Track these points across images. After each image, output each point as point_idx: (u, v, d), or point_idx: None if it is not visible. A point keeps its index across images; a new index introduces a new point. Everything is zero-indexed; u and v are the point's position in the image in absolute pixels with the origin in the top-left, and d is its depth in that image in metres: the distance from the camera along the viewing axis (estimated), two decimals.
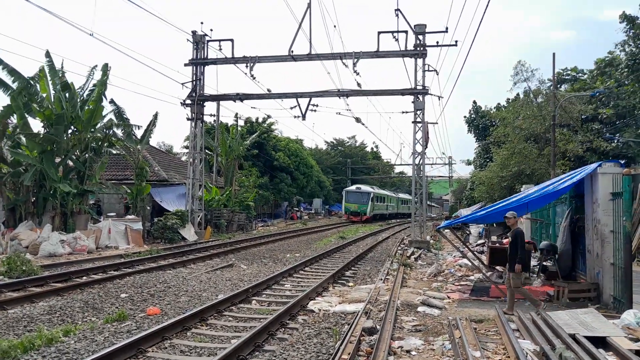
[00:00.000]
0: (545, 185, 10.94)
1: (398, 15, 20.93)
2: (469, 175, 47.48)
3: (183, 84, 23.62)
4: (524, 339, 6.87)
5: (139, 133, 22.74)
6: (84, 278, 11.96)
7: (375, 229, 35.18)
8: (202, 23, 25.71)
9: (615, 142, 28.59)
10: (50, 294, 9.88)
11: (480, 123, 41.70)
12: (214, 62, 23.64)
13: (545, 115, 26.59)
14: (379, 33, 21.46)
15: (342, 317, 8.51)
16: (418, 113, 22.14)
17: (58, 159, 19.57)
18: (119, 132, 22.06)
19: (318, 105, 23.63)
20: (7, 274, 11.64)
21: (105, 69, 20.47)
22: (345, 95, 22.98)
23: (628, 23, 26.99)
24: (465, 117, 43.97)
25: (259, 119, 47.77)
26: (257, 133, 41.26)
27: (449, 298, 10.21)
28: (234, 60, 22.89)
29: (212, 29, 24.42)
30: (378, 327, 7.20)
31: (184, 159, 37.33)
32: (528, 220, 17.35)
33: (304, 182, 53.54)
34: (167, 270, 13.65)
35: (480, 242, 20.74)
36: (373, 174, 74.27)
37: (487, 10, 14.60)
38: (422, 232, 22.62)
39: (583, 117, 29.52)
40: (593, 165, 9.75)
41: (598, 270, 9.46)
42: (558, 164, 24.99)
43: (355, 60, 21.69)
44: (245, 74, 22.50)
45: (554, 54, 24.64)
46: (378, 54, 21.76)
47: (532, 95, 30.76)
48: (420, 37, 21.52)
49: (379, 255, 18.62)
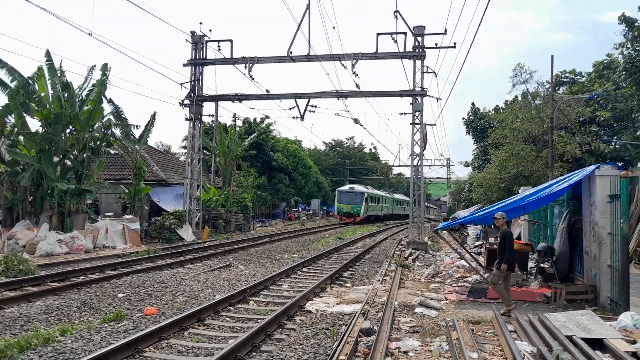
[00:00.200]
0: (543, 187, 10.96)
1: (397, 17, 20.99)
2: (467, 177, 47.52)
3: (182, 84, 23.66)
4: (521, 341, 6.89)
5: (137, 133, 22.76)
6: (81, 278, 11.95)
7: (373, 230, 35.20)
8: (201, 23, 25.76)
9: (613, 144, 28.62)
10: (47, 294, 9.87)
11: (479, 125, 41.76)
12: (213, 62, 23.65)
13: (544, 118, 26.65)
14: (378, 34, 21.52)
15: (339, 317, 8.51)
16: (416, 114, 22.18)
17: (56, 159, 19.55)
18: (117, 131, 22.09)
19: (317, 106, 23.71)
20: (4, 273, 11.63)
21: (105, 69, 20.44)
22: (344, 97, 23.01)
23: (627, 25, 27.00)
24: (464, 118, 44.09)
25: (258, 120, 47.79)
26: (255, 133, 41.21)
27: (447, 299, 10.23)
28: (233, 61, 22.91)
29: (211, 30, 24.55)
30: (375, 328, 7.20)
31: (182, 159, 37.32)
32: (526, 222, 17.37)
33: (302, 182, 53.50)
34: (164, 270, 13.64)
35: (478, 243, 20.77)
36: (371, 175, 74.20)
37: (485, 12, 14.66)
38: (420, 233, 22.64)
39: (581, 119, 29.57)
40: (591, 168, 9.79)
41: (595, 272, 9.49)
42: (556, 166, 25.02)
43: (354, 62, 21.73)
44: (244, 75, 22.56)
45: (552, 57, 24.59)
46: (377, 56, 21.80)
47: (530, 98, 30.83)
48: (419, 38, 21.57)
49: (377, 256, 18.63)
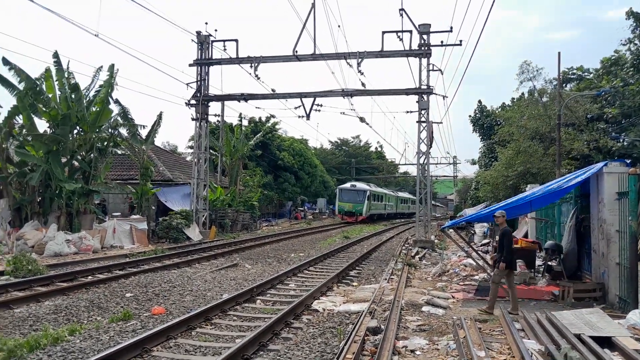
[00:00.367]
0: (550, 184, 10.90)
1: (402, 15, 20.95)
2: (474, 175, 47.32)
3: (188, 84, 23.72)
4: (529, 339, 6.86)
5: (144, 133, 22.90)
6: (89, 277, 12.03)
7: (380, 229, 35.16)
8: (206, 23, 25.80)
9: (621, 141, 28.39)
10: (56, 294, 9.95)
11: (486, 122, 41.58)
12: (219, 62, 23.70)
13: (551, 115, 26.48)
14: (383, 33, 21.46)
15: (346, 316, 8.52)
16: (422, 113, 22.10)
17: (64, 159, 19.68)
18: (124, 132, 22.21)
19: (322, 105, 23.75)
20: (13, 274, 11.74)
21: (112, 70, 20.56)
22: (350, 95, 22.98)
23: (635, 20, 26.76)
24: (470, 116, 43.94)
25: (263, 119, 47.84)
26: (261, 133, 41.19)
27: (454, 298, 10.20)
28: (239, 61, 22.93)
29: (216, 29, 24.69)
30: (382, 326, 7.19)
31: (189, 159, 37.44)
32: (533, 220, 17.29)
33: (308, 181, 53.50)
34: (171, 270, 13.70)
35: (485, 241, 20.71)
36: (377, 174, 74.08)
37: (491, 10, 14.59)
38: (426, 231, 22.59)
39: (588, 116, 29.35)
40: (599, 165, 9.72)
41: (604, 270, 9.43)
42: (563, 164, 24.85)
43: (360, 60, 21.69)
44: (250, 74, 22.57)
45: (559, 53, 24.35)
46: (382, 54, 21.76)
47: (537, 95, 30.63)
48: (425, 36, 21.50)
49: (383, 255, 18.61)
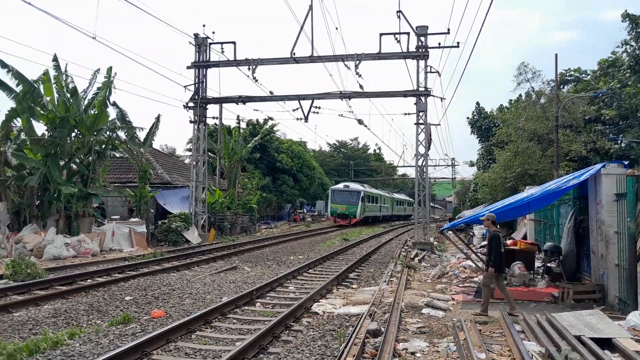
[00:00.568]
0: (548, 185, 10.93)
1: (400, 17, 21.01)
2: (472, 177, 47.36)
3: (185, 87, 23.68)
4: (529, 341, 6.87)
5: (142, 135, 22.89)
6: (89, 281, 12.01)
7: (379, 231, 35.18)
8: (204, 26, 25.81)
9: (619, 143, 28.48)
10: (55, 297, 9.92)
11: (484, 124, 41.64)
12: (217, 64, 23.71)
13: (549, 116, 26.55)
14: (381, 35, 21.52)
15: (346, 319, 8.51)
16: (420, 114, 22.15)
17: (62, 162, 19.66)
18: (122, 134, 22.18)
19: (320, 107, 23.72)
20: (12, 277, 11.69)
21: (110, 73, 20.55)
22: (348, 97, 23.01)
23: (631, 22, 26.87)
24: (468, 118, 43.97)
25: (261, 121, 47.82)
26: (259, 135, 41.19)
27: (453, 300, 10.21)
28: (236, 63, 22.96)
29: (214, 32, 24.54)
30: (382, 329, 7.19)
31: (187, 162, 37.44)
32: (532, 222, 17.31)
33: (307, 184, 53.51)
34: (171, 273, 13.68)
35: (484, 243, 20.69)
36: (376, 176, 74.11)
37: (489, 12, 14.66)
38: (425, 233, 22.61)
39: (586, 118, 29.44)
40: (597, 167, 9.75)
41: (603, 272, 9.45)
42: (562, 165, 24.91)
43: (357, 62, 21.73)
44: (248, 77, 22.58)
45: (557, 55, 24.45)
46: (380, 56, 21.81)
47: (534, 97, 30.71)
48: (422, 38, 21.55)
49: (383, 257, 18.61)
